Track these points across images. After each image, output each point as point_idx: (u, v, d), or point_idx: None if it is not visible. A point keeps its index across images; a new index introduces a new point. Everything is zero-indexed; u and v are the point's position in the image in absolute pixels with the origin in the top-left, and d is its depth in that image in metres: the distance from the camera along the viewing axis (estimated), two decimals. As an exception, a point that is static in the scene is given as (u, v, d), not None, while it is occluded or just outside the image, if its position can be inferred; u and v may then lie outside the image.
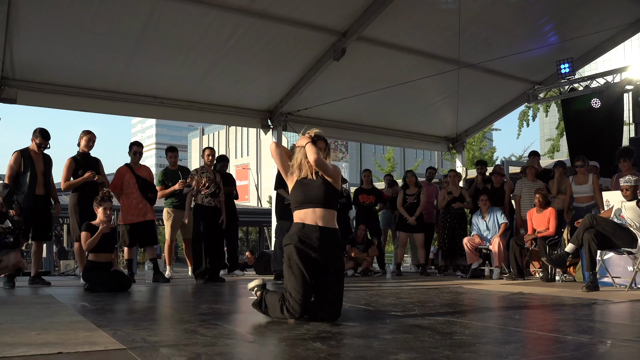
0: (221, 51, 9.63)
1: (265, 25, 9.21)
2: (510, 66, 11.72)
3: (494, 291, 7.07)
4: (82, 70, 9.43)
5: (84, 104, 10.01)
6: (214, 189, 8.52)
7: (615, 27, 11.12)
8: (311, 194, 4.34)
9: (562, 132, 22.24)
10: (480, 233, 9.75)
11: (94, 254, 6.96)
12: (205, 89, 10.65)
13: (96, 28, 8.52)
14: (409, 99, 12.29)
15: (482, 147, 26.83)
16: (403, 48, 10.58)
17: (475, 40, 10.61)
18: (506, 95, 13.22)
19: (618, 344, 3.33)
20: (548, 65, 11.77)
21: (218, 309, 5.16)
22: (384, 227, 11.81)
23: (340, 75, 10.73)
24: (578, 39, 10.91)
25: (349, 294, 6.53)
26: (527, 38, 10.92)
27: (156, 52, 9.38)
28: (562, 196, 9.51)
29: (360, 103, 11.54)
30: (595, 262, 6.94)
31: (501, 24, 10.45)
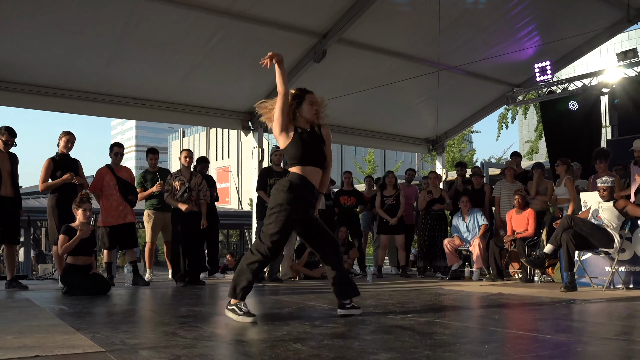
0: (202, 52, 9.59)
1: (246, 26, 9.19)
2: (489, 69, 11.80)
3: (473, 292, 7.10)
4: (61, 70, 9.33)
5: (63, 105, 9.91)
6: (182, 192, 8.39)
7: (592, 31, 11.24)
8: (308, 154, 4.44)
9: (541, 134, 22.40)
10: (461, 234, 9.79)
11: (73, 256, 6.89)
12: (186, 91, 10.60)
13: (76, 28, 8.44)
14: (390, 101, 12.32)
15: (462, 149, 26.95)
16: (384, 50, 10.61)
17: (455, 42, 10.67)
18: (485, 97, 13.30)
19: (596, 342, 3.36)
20: (527, 68, 11.88)
21: (198, 312, 5.13)
22: (364, 228, 11.82)
23: (321, 77, 10.70)
24: (556, 42, 11.02)
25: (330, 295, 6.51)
26: (506, 41, 11.01)
27: (137, 53, 9.31)
28: (541, 197, 9.58)
29: (341, 105, 11.52)
30: (573, 262, 7.00)
31: (481, 26, 10.52)
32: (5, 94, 9.27)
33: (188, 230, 8.30)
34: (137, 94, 10.38)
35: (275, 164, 9.36)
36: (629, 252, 7.20)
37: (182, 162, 8.63)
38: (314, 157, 4.46)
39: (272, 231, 4.30)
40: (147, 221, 9.35)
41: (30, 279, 11.60)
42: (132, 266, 8.43)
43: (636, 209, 7.08)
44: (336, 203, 11.11)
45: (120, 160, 8.74)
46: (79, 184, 8.04)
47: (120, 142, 9.02)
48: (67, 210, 7.36)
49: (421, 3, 9.66)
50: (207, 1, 8.54)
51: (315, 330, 3.83)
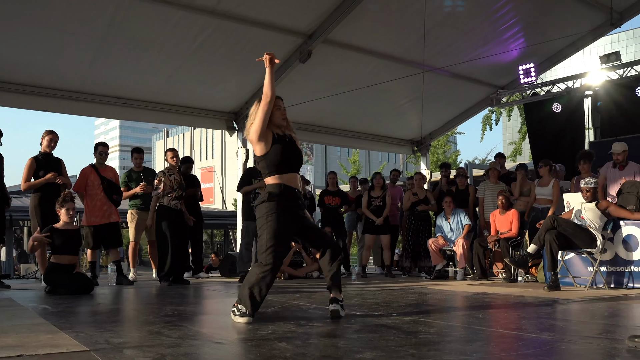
0: (187, 52, 9.56)
1: (231, 26, 9.19)
2: (474, 70, 11.88)
3: (458, 291, 7.12)
4: (45, 69, 9.27)
5: (47, 104, 9.85)
6: (180, 191, 8.41)
7: (575, 33, 11.35)
8: (290, 158, 4.39)
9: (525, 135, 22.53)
10: (445, 234, 9.83)
11: (58, 255, 6.83)
12: (170, 90, 10.56)
13: (60, 26, 8.40)
14: (375, 102, 12.36)
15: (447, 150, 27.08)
16: (369, 51, 10.64)
17: (440, 44, 10.73)
18: (470, 99, 13.38)
19: (579, 341, 3.38)
20: (511, 70, 11.96)
21: (183, 311, 5.10)
22: (349, 229, 11.83)
23: (306, 77, 10.73)
24: (540, 45, 11.11)
25: (315, 295, 6.52)
26: (491, 43, 11.08)
27: (121, 52, 9.27)
28: (525, 198, 9.64)
29: (326, 106, 11.57)
30: (556, 262, 7.05)
31: (466, 28, 10.57)
32: (-14, 93, 9.20)
33: (173, 230, 8.26)
34: (121, 94, 10.33)
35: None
36: (610, 253, 7.27)
37: (170, 161, 8.58)
38: (292, 163, 4.42)
39: (267, 241, 4.22)
40: (131, 220, 9.30)
41: (12, 278, 11.48)
42: (116, 265, 8.37)
43: (618, 209, 7.16)
44: (321, 203, 11.11)
45: (104, 159, 8.69)
46: (62, 184, 7.97)
47: (104, 142, 8.97)
48: (50, 210, 7.30)
49: (407, 4, 9.70)
50: (192, 1, 8.52)
51: (301, 329, 3.83)
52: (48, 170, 7.90)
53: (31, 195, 8.10)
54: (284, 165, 4.36)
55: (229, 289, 7.73)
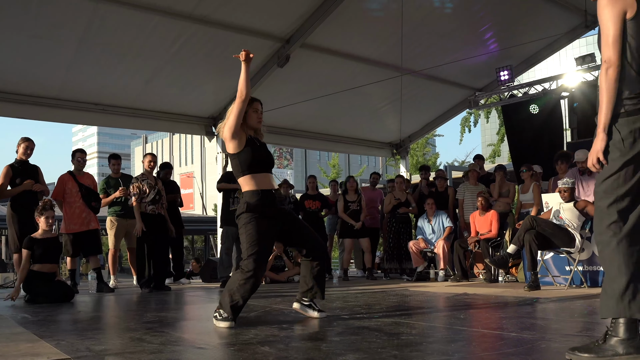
0: (165, 57, 9.52)
1: (209, 31, 9.16)
2: (452, 73, 11.95)
3: (439, 293, 7.16)
4: (20, 75, 9.18)
5: (22, 111, 9.75)
6: (154, 195, 8.34)
7: (552, 35, 11.47)
8: (263, 158, 4.44)
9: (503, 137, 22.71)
10: (426, 236, 9.87)
11: (39, 264, 6.76)
12: (148, 96, 10.51)
13: (35, 32, 8.31)
14: (354, 106, 12.38)
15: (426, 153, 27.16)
16: (347, 55, 10.67)
17: (418, 47, 10.78)
18: (448, 101, 13.45)
19: (559, 339, 3.42)
20: (488, 72, 12.05)
21: (164, 317, 5.08)
22: (329, 232, 11.83)
23: (285, 82, 10.73)
24: (517, 47, 11.21)
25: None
26: (468, 45, 11.15)
27: (98, 58, 9.20)
28: (504, 199, 9.72)
29: (305, 110, 11.58)
30: (536, 262, 7.13)
31: (443, 31, 10.63)
32: (-39, 100, 9.09)
33: (153, 236, 8.21)
34: (98, 100, 10.25)
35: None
36: (588, 252, 7.35)
37: (146, 166, 8.53)
38: (264, 163, 4.45)
39: (247, 248, 4.26)
40: (110, 228, 9.23)
41: (-11, 288, 11.32)
42: (96, 273, 8.31)
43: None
44: (301, 207, 11.10)
45: (82, 166, 8.63)
46: (40, 191, 7.90)
47: (82, 149, 8.91)
48: (28, 218, 7.24)
49: (384, 8, 9.74)
50: (169, 6, 8.49)
51: (283, 333, 3.83)
52: (24, 178, 7.82)
53: (7, 203, 8.01)
54: (257, 165, 4.39)
55: (211, 295, 7.70)
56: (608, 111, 2.79)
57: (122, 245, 9.62)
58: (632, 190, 2.77)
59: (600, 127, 2.82)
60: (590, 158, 2.86)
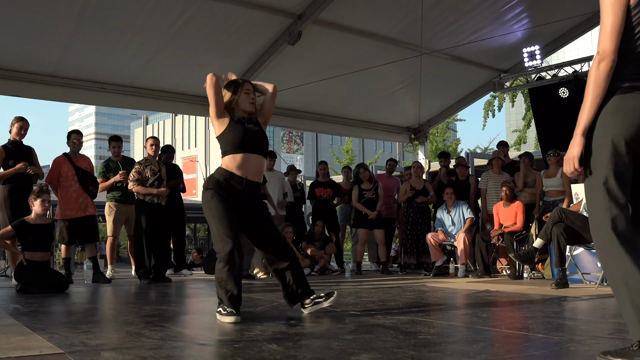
0: (168, 34, 9.48)
1: (215, 6, 9.10)
2: (475, 53, 11.84)
3: (459, 289, 7.14)
4: (16, 52, 9.16)
5: (16, 89, 9.72)
6: (153, 181, 8.32)
7: (583, 14, 11.32)
8: (251, 140, 4.51)
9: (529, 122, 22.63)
10: (445, 228, 9.83)
11: (30, 252, 6.78)
12: (150, 74, 10.48)
13: (31, 6, 8.29)
14: (369, 87, 12.32)
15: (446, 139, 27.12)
16: (363, 32, 10.58)
17: (438, 25, 10.68)
18: (471, 83, 13.35)
19: (589, 341, 3.38)
20: (514, 53, 11.93)
21: (164, 311, 5.09)
22: (342, 222, 11.82)
23: (296, 60, 10.67)
24: (546, 26, 11.08)
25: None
26: (493, 23, 11.03)
27: (97, 34, 9.18)
28: (529, 189, 9.66)
29: (317, 91, 11.52)
30: (564, 257, 7.06)
31: (466, 8, 10.52)
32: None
33: (153, 224, 8.22)
34: (96, 78, 10.23)
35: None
36: (622, 247, 7.27)
37: (149, 150, 8.53)
38: (250, 145, 4.50)
39: (215, 230, 4.37)
40: (109, 214, 9.24)
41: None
42: (92, 262, 8.34)
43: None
44: (312, 195, 11.09)
45: (79, 148, 8.64)
46: (34, 174, 7.93)
47: (78, 130, 8.91)
48: (21, 202, 7.26)
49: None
50: (173, -22, 8.46)
51: (291, 329, 3.82)
52: (18, 159, 7.84)
53: (0, 186, 8.04)
54: (240, 146, 4.46)
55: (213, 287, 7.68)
56: (591, 111, 2.69)
57: (122, 233, 9.62)
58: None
59: (578, 128, 2.71)
60: (565, 164, 2.78)
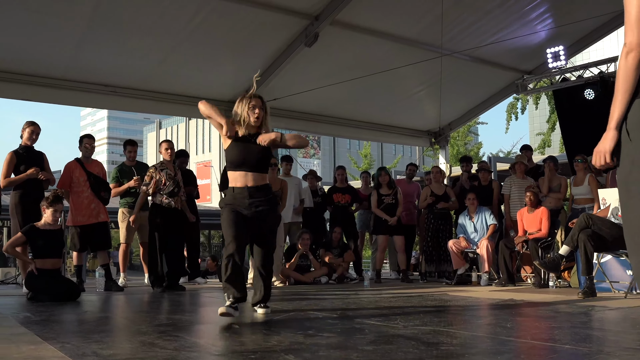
0: (181, 35, 9.52)
1: (229, 7, 9.13)
2: (497, 54, 11.80)
3: (482, 298, 7.11)
4: (25, 54, 9.23)
5: (27, 92, 9.81)
6: (173, 187, 8.36)
7: (608, 13, 11.23)
8: (247, 157, 5.06)
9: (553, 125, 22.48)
10: (467, 235, 9.77)
11: (40, 259, 6.82)
12: (163, 77, 10.52)
13: (41, 7, 8.36)
14: (388, 90, 12.30)
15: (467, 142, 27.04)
16: (381, 33, 10.57)
17: (459, 25, 10.65)
18: (493, 85, 13.31)
19: (619, 352, 3.34)
20: (538, 53, 11.87)
21: (178, 320, 5.09)
22: (360, 229, 11.78)
23: (313, 62, 10.68)
24: (570, 26, 11.00)
25: (323, 302, 6.49)
26: (515, 23, 10.98)
27: (109, 35, 9.23)
28: (554, 194, 9.58)
29: (334, 93, 11.51)
30: (591, 265, 7.00)
31: (487, 8, 10.49)
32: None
33: (167, 231, 8.23)
34: (108, 81, 10.29)
35: None
36: (651, 255, 7.19)
37: (164, 155, 8.54)
38: (247, 163, 5.06)
39: (225, 235, 5.00)
40: (122, 220, 9.28)
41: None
42: (105, 270, 8.37)
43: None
44: (329, 201, 11.07)
45: (91, 153, 8.68)
46: (45, 179, 7.97)
47: (90, 134, 8.95)
48: (32, 208, 7.30)
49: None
50: (187, -22, 8.49)
51: (309, 340, 3.80)
52: (29, 165, 7.90)
53: (11, 192, 8.10)
54: (238, 164, 5.07)
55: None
56: (623, 104, 2.68)
57: (134, 240, 9.65)
58: None
59: (611, 122, 2.70)
60: (595, 157, 2.75)
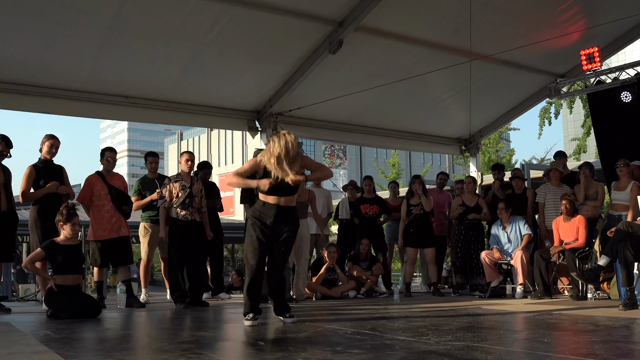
0: (202, 44, 9.56)
1: (251, 14, 9.16)
2: (528, 57, 11.70)
3: (517, 312, 7.05)
4: (44, 66, 9.33)
5: (46, 105, 9.89)
6: (184, 198, 8.34)
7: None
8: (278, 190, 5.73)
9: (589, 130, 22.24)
10: (501, 246, 9.69)
11: (61, 275, 6.85)
12: (183, 87, 10.58)
13: (59, 18, 8.45)
14: (415, 96, 12.27)
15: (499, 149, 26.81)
16: (408, 38, 10.55)
17: (488, 28, 10.59)
18: (525, 90, 13.20)
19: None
20: (571, 55, 11.75)
21: (202, 337, 5.09)
22: (389, 241, 11.72)
23: (337, 70, 10.68)
24: (604, 26, 10.90)
25: (352, 317, 6.46)
26: (547, 25, 10.90)
27: (128, 46, 9.29)
28: (591, 202, 9.47)
29: (360, 101, 11.50)
30: (632, 276, 6.90)
31: (518, 9, 10.43)
32: (-19, 94, 9.28)
33: (187, 245, 8.24)
34: (129, 92, 10.35)
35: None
36: (696, 265, 7.09)
37: (183, 166, 8.56)
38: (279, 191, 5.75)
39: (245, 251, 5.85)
40: (143, 235, 9.32)
41: (10, 300, 11.62)
42: (126, 286, 8.40)
43: None
44: (357, 212, 11.02)
45: (112, 166, 8.70)
46: (65, 194, 8.03)
47: (112, 147, 9.01)
48: (51, 223, 7.34)
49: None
50: (207, -14, 8.52)
51: (338, 357, 3.77)
52: (49, 179, 7.96)
53: (30, 207, 8.17)
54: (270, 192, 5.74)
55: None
56: None
57: (156, 254, 9.69)
58: None
59: None
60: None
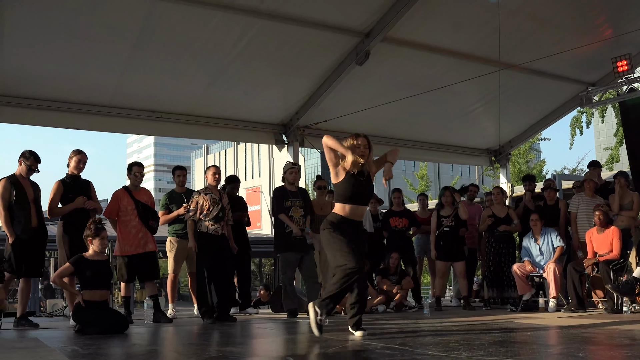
0: (228, 58, 9.65)
1: (277, 27, 9.22)
2: (558, 65, 11.64)
3: (550, 326, 6.97)
4: (72, 82, 9.47)
5: (73, 121, 10.05)
6: (218, 212, 8.40)
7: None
8: (360, 191, 5.78)
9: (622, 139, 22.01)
10: (533, 258, 9.59)
11: (89, 291, 6.90)
12: (210, 102, 10.67)
13: (88, 34, 8.58)
14: (444, 107, 12.24)
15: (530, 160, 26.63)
16: (435, 49, 10.55)
17: (517, 37, 10.55)
18: (555, 99, 13.13)
19: None
20: (603, 63, 11.65)
21: (229, 352, 5.09)
22: (419, 254, 11.66)
23: (364, 81, 10.70)
24: (636, 33, 10.81)
25: (381, 332, 6.42)
26: (577, 33, 10.83)
27: (155, 61, 9.41)
28: (627, 213, 9.36)
29: (388, 113, 11.49)
30: (669, 288, 6.80)
31: (547, 17, 10.39)
32: (8, 110, 9.44)
33: (216, 259, 8.27)
34: (155, 107, 10.47)
35: (289, 182, 9.25)
36: None
37: (209, 180, 8.60)
38: (358, 197, 5.78)
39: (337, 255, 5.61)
40: (170, 250, 9.36)
41: (38, 315, 11.74)
42: (153, 301, 8.45)
43: None
44: (386, 226, 10.99)
45: (140, 181, 8.76)
46: (92, 209, 8.11)
47: (140, 162, 9.07)
48: (79, 238, 7.41)
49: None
50: (233, 0, 8.58)
51: (367, 373, 3.75)
52: (77, 194, 8.05)
53: (58, 222, 8.27)
54: (349, 198, 5.73)
55: (281, 327, 7.69)
56: None
57: (183, 269, 9.73)
58: None
59: None
60: None
